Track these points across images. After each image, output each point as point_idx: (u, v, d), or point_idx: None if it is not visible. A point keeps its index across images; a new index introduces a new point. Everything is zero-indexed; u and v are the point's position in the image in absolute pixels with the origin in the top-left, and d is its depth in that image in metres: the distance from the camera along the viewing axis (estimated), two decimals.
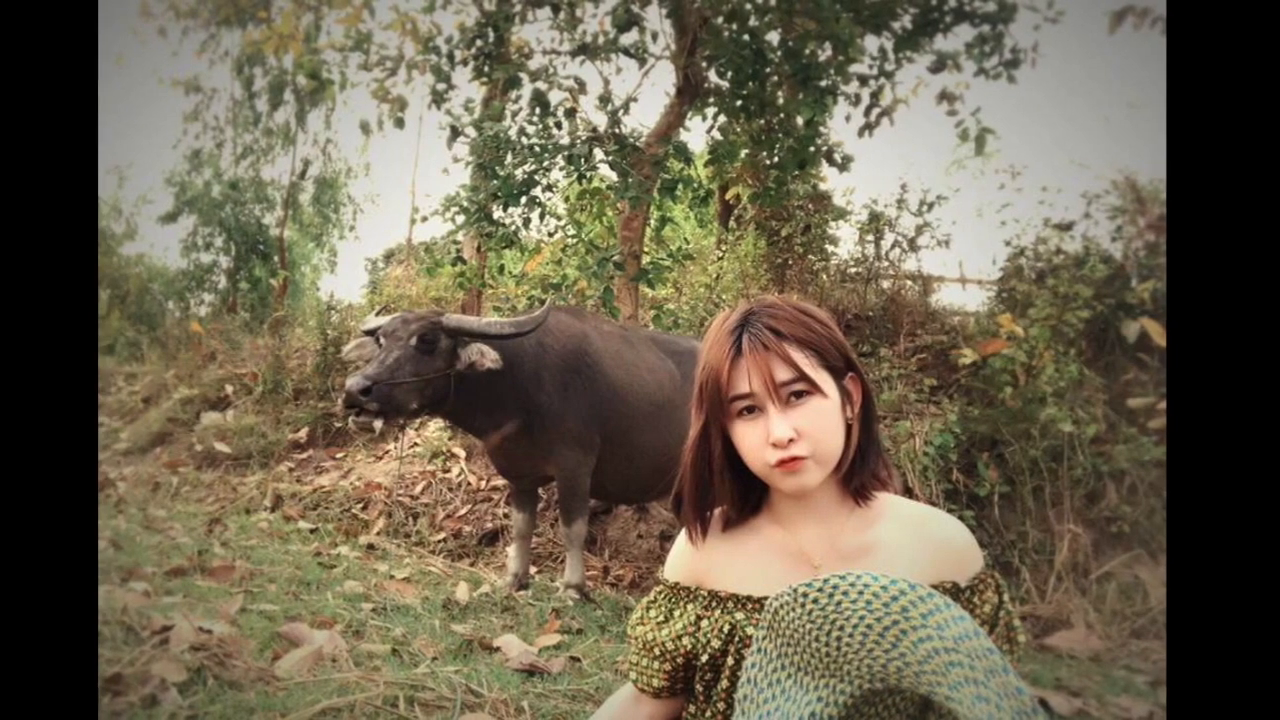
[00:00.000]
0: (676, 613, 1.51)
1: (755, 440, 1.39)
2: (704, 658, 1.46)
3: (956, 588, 1.39)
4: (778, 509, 1.50)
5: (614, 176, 6.07)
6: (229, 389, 8.12)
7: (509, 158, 5.86)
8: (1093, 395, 5.43)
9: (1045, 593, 4.82)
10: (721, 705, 1.45)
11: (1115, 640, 4.49)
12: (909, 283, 7.62)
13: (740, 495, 1.50)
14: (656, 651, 1.51)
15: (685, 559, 1.55)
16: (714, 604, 1.48)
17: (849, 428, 1.43)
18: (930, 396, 6.02)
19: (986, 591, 1.42)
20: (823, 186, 8.01)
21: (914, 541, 1.42)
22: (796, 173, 6.58)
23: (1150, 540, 5.00)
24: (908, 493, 4.98)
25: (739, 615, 1.44)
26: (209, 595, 3.52)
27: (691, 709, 1.53)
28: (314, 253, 17.27)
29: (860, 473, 1.45)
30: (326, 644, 2.90)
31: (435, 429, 6.50)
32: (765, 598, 1.38)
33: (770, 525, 1.51)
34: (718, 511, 1.54)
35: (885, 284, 7.61)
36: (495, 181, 5.81)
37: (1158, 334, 5.34)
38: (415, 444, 6.55)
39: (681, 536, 1.56)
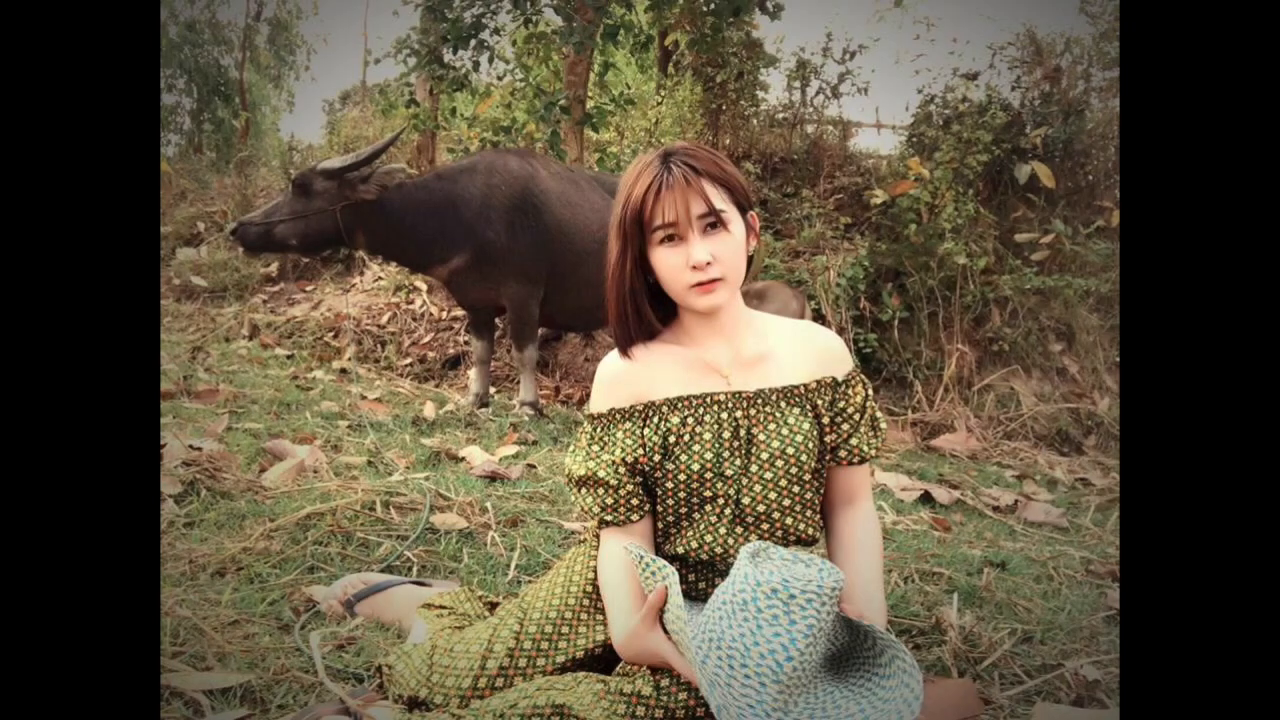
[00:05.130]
0: (618, 433, 1.52)
1: (676, 263, 1.45)
2: (655, 459, 1.51)
3: (835, 381, 1.56)
4: (688, 328, 1.56)
5: (559, 22, 5.81)
6: (200, 226, 7.88)
7: (457, 0, 5.59)
8: (985, 231, 5.54)
9: (934, 403, 5.08)
10: (671, 502, 1.52)
11: (990, 441, 4.78)
12: (830, 128, 7.52)
13: (651, 315, 1.55)
14: (612, 481, 1.51)
15: (618, 381, 1.55)
16: (651, 412, 1.52)
17: (750, 258, 1.55)
18: (845, 233, 6.09)
19: (857, 385, 1.58)
20: (755, 34, 7.74)
21: (801, 348, 1.57)
22: (731, 20, 6.36)
23: (1025, 357, 5.25)
24: (820, 318, 5.12)
25: (674, 419, 1.50)
26: (197, 416, 3.54)
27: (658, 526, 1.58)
28: (273, 94, 16.39)
29: None
30: (308, 457, 2.96)
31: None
32: (691, 395, 1.51)
33: (681, 344, 1.57)
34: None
35: (810, 129, 7.50)
36: (444, 24, 5.55)
37: (1046, 176, 5.42)
38: (379, 278, 6.49)
39: (604, 371, 1.57)
